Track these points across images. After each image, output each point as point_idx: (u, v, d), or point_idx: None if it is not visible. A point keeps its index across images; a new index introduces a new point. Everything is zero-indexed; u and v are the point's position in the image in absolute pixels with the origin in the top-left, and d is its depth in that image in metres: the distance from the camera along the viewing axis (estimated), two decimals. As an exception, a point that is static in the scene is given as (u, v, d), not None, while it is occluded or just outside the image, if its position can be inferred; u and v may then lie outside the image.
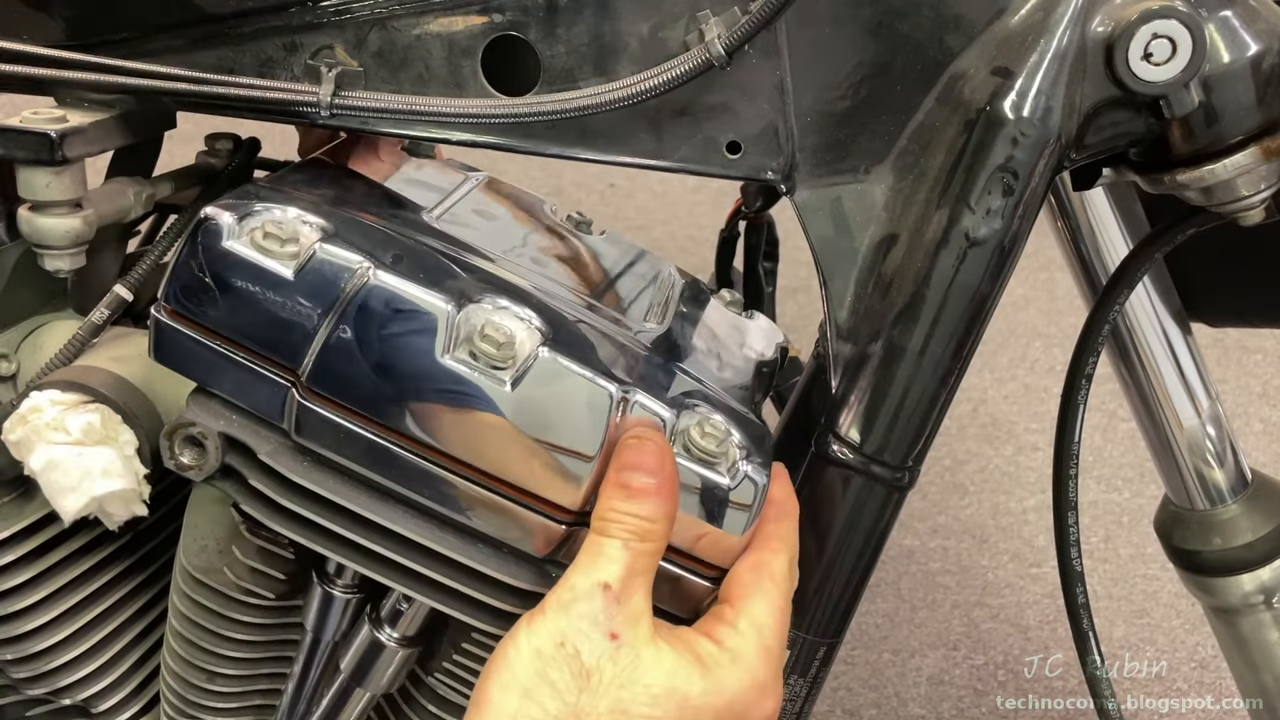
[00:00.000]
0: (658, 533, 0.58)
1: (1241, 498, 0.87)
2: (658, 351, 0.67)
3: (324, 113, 0.65)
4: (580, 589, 0.57)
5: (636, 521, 0.58)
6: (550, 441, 0.59)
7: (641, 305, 0.73)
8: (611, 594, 0.57)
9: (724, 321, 0.79)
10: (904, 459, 0.67)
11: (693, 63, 0.62)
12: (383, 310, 0.58)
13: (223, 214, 0.59)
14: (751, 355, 0.76)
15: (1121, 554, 1.85)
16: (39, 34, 0.65)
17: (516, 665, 0.56)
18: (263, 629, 0.73)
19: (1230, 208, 0.65)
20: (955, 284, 0.64)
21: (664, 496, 0.58)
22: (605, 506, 0.58)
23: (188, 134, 0.81)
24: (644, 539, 0.58)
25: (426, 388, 0.58)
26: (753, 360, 0.76)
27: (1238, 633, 0.88)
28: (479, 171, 0.83)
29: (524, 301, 0.61)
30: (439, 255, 0.63)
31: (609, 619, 0.56)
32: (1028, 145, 0.62)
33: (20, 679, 0.74)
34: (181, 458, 0.61)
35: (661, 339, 0.69)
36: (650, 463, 0.58)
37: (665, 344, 0.69)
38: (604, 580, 0.57)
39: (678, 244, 2.52)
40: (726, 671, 0.58)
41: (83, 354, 0.68)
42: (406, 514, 0.61)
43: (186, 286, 0.59)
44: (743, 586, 0.61)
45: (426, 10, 0.65)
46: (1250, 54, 0.61)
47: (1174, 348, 0.86)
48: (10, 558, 0.69)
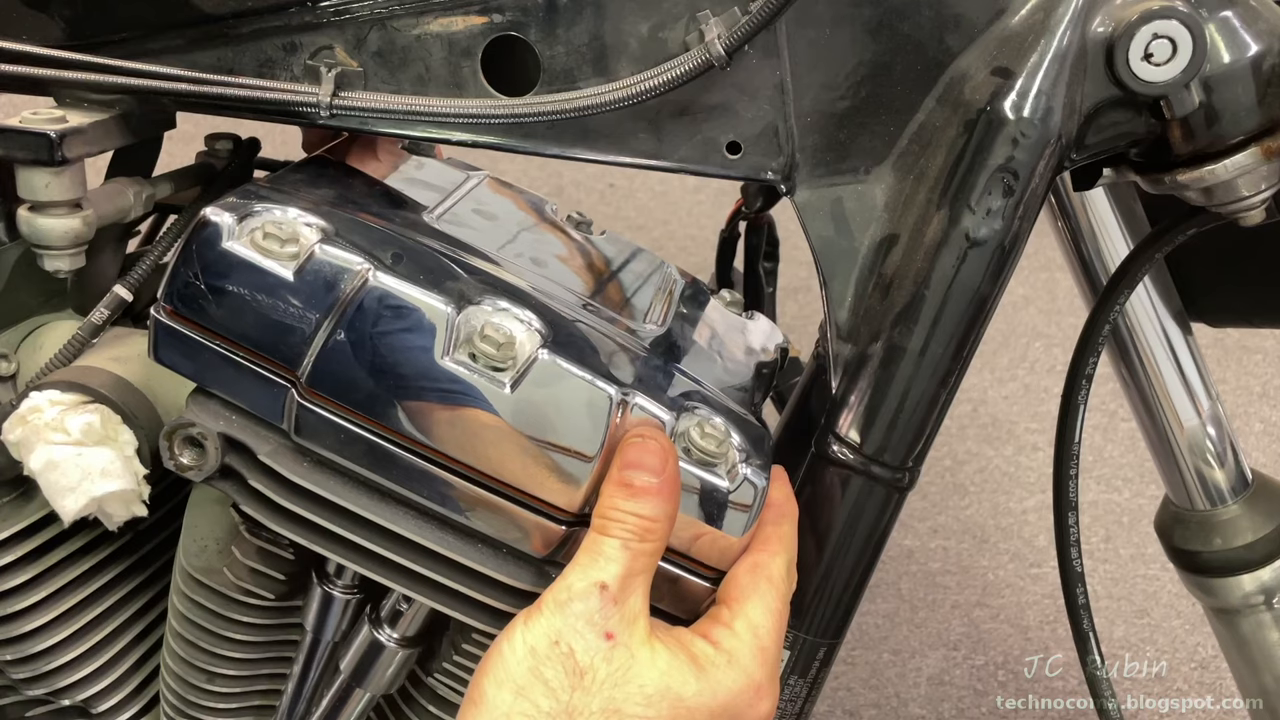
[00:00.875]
0: (658, 532, 0.58)
1: (1242, 498, 0.87)
2: (657, 353, 0.67)
3: (323, 113, 0.65)
4: (577, 588, 0.57)
5: (637, 521, 0.58)
6: (550, 443, 0.59)
7: (641, 306, 0.73)
8: (608, 594, 0.57)
9: (723, 322, 0.79)
10: (904, 459, 0.67)
11: (693, 63, 0.62)
12: (382, 311, 0.58)
13: (222, 214, 0.59)
14: (751, 356, 0.76)
15: (1122, 554, 1.85)
16: (39, 34, 0.65)
17: (511, 662, 0.56)
18: (262, 629, 0.73)
19: (1231, 208, 0.65)
20: (955, 284, 0.64)
21: (666, 496, 0.58)
22: (606, 505, 0.58)
23: (188, 134, 0.80)
24: (644, 539, 0.58)
25: (426, 389, 0.58)
26: (752, 361, 0.76)
27: (1238, 633, 0.88)
28: (479, 171, 0.83)
29: (524, 303, 0.61)
30: (439, 256, 0.63)
31: (605, 619, 0.56)
32: (1028, 145, 0.62)
33: (20, 679, 0.74)
34: (181, 458, 0.61)
35: (661, 340, 0.69)
36: (653, 462, 0.58)
37: (665, 345, 0.69)
38: (601, 580, 0.57)
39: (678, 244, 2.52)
40: (722, 672, 0.58)
41: (82, 354, 0.68)
42: (406, 514, 0.61)
43: (186, 287, 0.59)
44: (740, 588, 0.61)
45: (426, 10, 0.65)
46: (1250, 54, 0.61)
47: (1174, 348, 0.86)
48: (10, 558, 0.69)
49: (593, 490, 0.59)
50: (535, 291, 0.64)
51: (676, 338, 0.71)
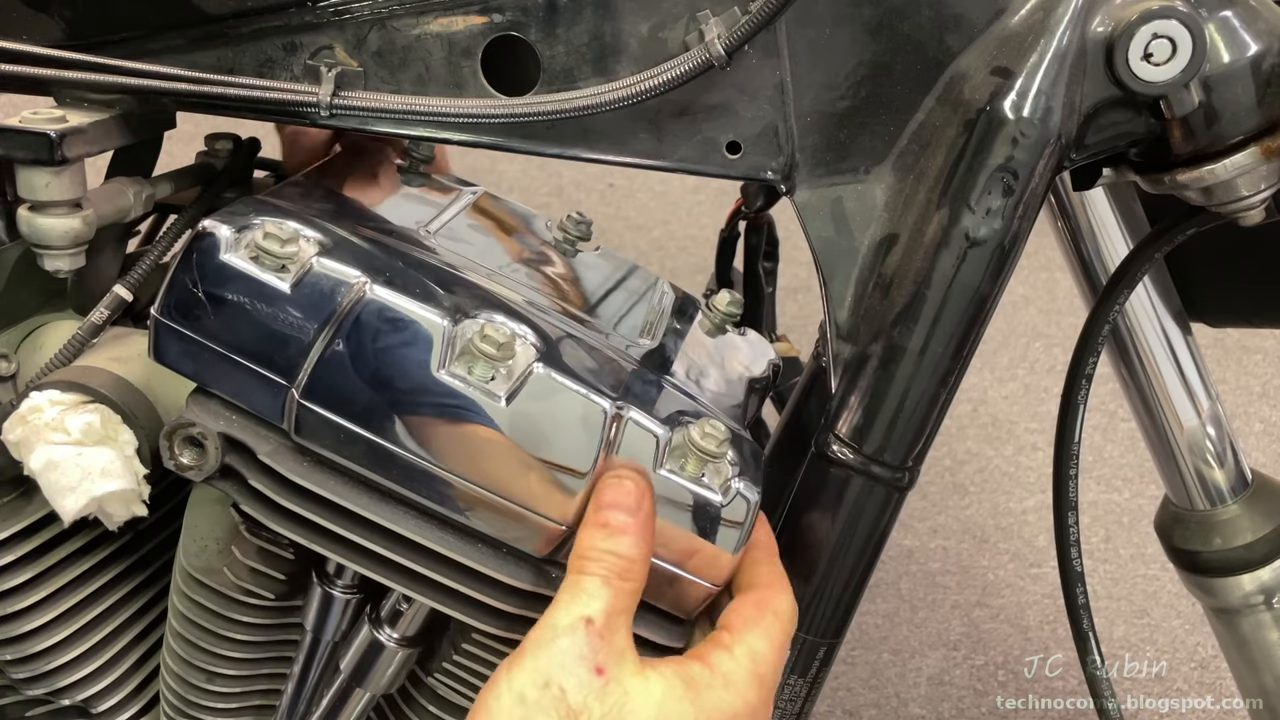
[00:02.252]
0: (636, 572, 0.58)
1: (1242, 498, 0.87)
2: (650, 367, 0.67)
3: (323, 113, 0.65)
4: (562, 625, 0.56)
5: (615, 559, 0.57)
6: (544, 457, 0.59)
7: (635, 321, 0.74)
8: (595, 629, 0.56)
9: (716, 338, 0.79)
10: (904, 459, 0.67)
11: (693, 63, 0.62)
12: (379, 325, 0.58)
13: (220, 226, 0.59)
14: (743, 372, 0.76)
15: (1122, 554, 1.85)
16: (39, 34, 0.65)
17: (498, 716, 0.54)
18: (262, 629, 0.73)
19: (1230, 208, 0.65)
20: (955, 284, 0.64)
21: (642, 535, 0.58)
22: (585, 545, 0.58)
23: (188, 134, 0.81)
24: (624, 577, 0.57)
25: (422, 402, 0.58)
26: (744, 377, 0.76)
27: (1238, 633, 0.88)
28: (475, 186, 0.83)
29: (519, 317, 0.61)
30: (435, 270, 0.63)
31: (594, 653, 0.55)
32: (1028, 145, 0.62)
33: (20, 679, 0.74)
34: (181, 458, 0.61)
35: (654, 354, 0.70)
36: (629, 501, 0.58)
37: (658, 360, 0.69)
38: (587, 615, 0.56)
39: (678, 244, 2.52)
40: (717, 694, 0.57)
41: (82, 354, 0.68)
42: (406, 514, 0.61)
43: (183, 300, 0.59)
44: (744, 619, 0.61)
45: (426, 10, 0.65)
46: (1250, 54, 0.61)
47: (1174, 348, 0.86)
48: (10, 558, 0.69)
49: (586, 504, 0.59)
50: (530, 306, 0.64)
51: (669, 353, 0.71)
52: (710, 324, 0.78)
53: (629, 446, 0.60)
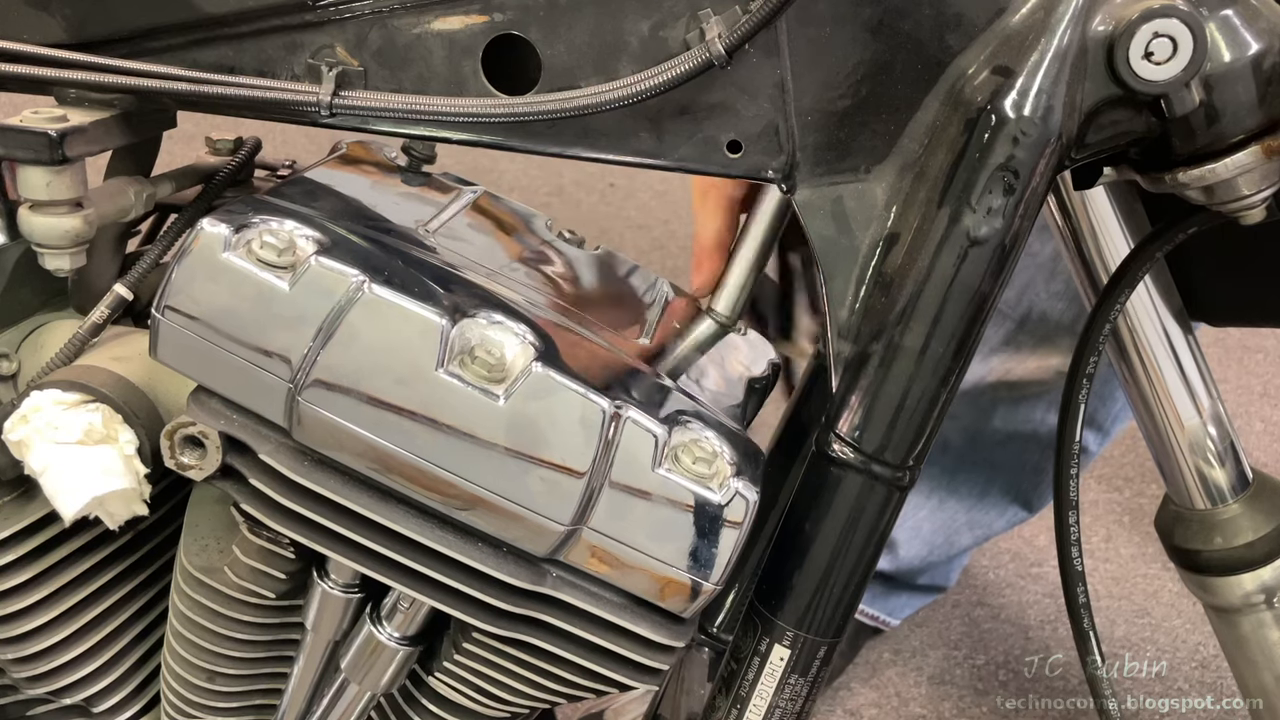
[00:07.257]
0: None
1: (1242, 497, 0.87)
2: (650, 367, 0.67)
3: (324, 112, 0.65)
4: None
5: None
6: (542, 457, 0.59)
7: (634, 321, 0.74)
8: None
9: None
10: (904, 458, 0.67)
11: (693, 62, 0.62)
12: (378, 323, 0.58)
13: (219, 225, 0.60)
14: (743, 371, 0.76)
15: (1122, 553, 1.85)
16: (39, 34, 0.65)
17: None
18: (263, 629, 0.73)
19: (1231, 207, 0.65)
20: (956, 283, 0.64)
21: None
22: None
23: (188, 134, 0.81)
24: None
25: (420, 401, 0.58)
26: (744, 377, 0.76)
27: (1238, 632, 0.88)
28: (475, 185, 0.83)
29: (518, 316, 0.61)
30: (434, 269, 0.63)
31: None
32: (1029, 144, 0.62)
33: (20, 679, 0.74)
34: (182, 457, 0.61)
35: (653, 354, 0.70)
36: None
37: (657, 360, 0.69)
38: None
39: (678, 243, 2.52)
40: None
41: (83, 353, 0.68)
42: (406, 513, 0.61)
43: (183, 298, 0.59)
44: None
45: (427, 9, 0.65)
46: (1251, 53, 0.61)
47: (1175, 347, 0.86)
48: (10, 558, 0.69)
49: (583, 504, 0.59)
50: (529, 305, 0.64)
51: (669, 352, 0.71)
52: (710, 324, 0.78)
53: (628, 446, 0.60)
